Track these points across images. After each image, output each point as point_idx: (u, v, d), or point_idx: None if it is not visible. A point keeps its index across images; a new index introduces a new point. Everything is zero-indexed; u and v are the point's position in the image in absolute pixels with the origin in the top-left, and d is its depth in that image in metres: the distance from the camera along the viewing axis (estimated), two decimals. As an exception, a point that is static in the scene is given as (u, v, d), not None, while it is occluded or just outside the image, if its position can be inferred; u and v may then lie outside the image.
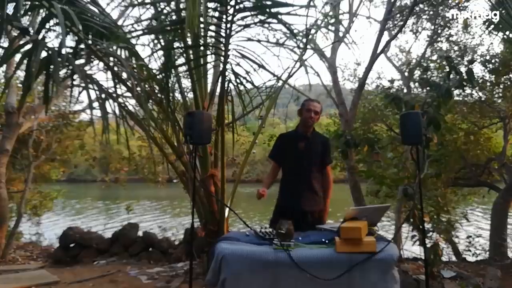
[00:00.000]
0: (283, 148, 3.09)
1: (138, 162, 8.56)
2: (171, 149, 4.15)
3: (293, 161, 3.00)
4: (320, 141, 3.10)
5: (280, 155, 3.11)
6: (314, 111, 2.99)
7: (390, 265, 2.15)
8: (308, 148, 3.01)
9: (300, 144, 3.01)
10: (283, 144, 3.12)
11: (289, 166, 3.05)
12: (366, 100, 8.58)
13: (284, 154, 3.08)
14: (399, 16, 7.43)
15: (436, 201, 4.46)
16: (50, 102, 5.71)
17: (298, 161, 3.00)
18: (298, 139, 3.04)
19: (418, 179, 2.77)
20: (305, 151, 3.00)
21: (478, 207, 13.02)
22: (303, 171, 3.00)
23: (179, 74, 4.29)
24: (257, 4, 3.22)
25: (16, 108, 6.09)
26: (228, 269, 2.11)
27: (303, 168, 3.00)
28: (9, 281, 4.19)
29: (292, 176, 3.02)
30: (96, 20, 3.37)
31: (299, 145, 3.01)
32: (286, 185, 3.06)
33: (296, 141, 3.03)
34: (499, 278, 3.89)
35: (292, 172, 3.02)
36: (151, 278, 4.28)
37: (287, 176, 3.07)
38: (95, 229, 7.20)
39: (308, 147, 3.01)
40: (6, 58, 3.45)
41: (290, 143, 3.06)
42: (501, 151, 7.47)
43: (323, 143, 3.11)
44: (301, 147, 3.00)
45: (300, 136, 3.05)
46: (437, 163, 5.35)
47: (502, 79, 6.85)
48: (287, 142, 3.11)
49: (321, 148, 3.07)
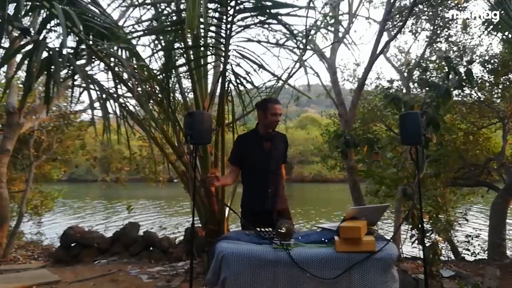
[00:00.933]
0: (246, 151, 2.98)
1: (139, 162, 8.58)
2: (172, 149, 4.17)
3: (259, 162, 2.93)
4: (282, 141, 3.07)
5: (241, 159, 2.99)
6: (279, 114, 2.93)
7: (390, 265, 2.15)
8: (273, 148, 2.97)
9: (265, 145, 2.95)
10: (245, 146, 3.01)
11: (254, 167, 2.96)
12: (366, 100, 8.60)
13: (247, 156, 2.97)
14: (399, 16, 7.44)
15: (435, 201, 4.48)
16: (51, 102, 5.73)
17: (264, 162, 2.93)
18: (262, 139, 2.96)
19: (417, 179, 2.77)
20: (271, 152, 2.95)
21: (477, 206, 13.04)
22: (270, 172, 2.94)
23: (179, 74, 4.31)
24: (257, 4, 3.23)
25: (17, 108, 6.11)
26: (228, 268, 2.12)
27: (270, 168, 2.94)
28: (10, 281, 4.20)
29: (258, 177, 2.94)
30: (97, 21, 3.39)
31: (265, 146, 2.95)
32: (252, 186, 2.98)
33: (260, 141, 2.96)
34: (498, 277, 3.90)
35: (258, 173, 2.94)
36: (152, 277, 4.30)
37: (252, 177, 2.98)
38: (96, 228, 7.22)
39: (274, 147, 2.97)
40: (7, 59, 3.46)
41: (253, 144, 2.97)
42: (500, 151, 7.49)
43: (284, 142, 3.09)
44: (266, 148, 2.95)
45: (264, 137, 2.97)
46: (436, 163, 5.37)
47: (501, 79, 6.87)
48: (250, 143, 3.00)
49: (283, 148, 3.06)
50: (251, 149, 2.96)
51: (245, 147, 2.99)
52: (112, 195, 19.52)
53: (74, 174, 28.47)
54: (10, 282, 4.13)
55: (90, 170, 25.02)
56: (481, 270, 4.47)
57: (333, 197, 20.65)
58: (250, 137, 3.06)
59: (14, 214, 7.60)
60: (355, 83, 9.02)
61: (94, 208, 17.74)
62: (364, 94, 8.46)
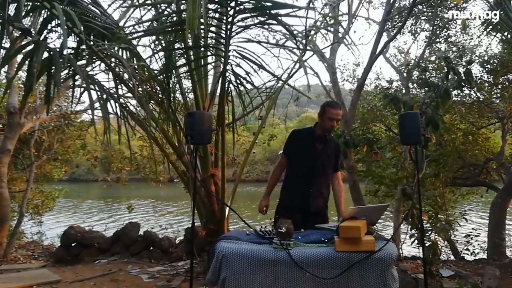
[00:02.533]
0: (298, 145, 3.01)
1: (140, 162, 8.60)
2: (172, 149, 4.18)
3: (308, 161, 2.95)
4: (334, 146, 3.07)
5: (293, 152, 3.02)
6: (337, 119, 2.96)
7: (389, 264, 2.16)
8: (325, 151, 2.98)
9: (318, 146, 2.97)
10: (298, 141, 3.04)
11: (301, 165, 2.98)
12: (365, 100, 8.62)
13: (297, 151, 3.00)
14: (398, 17, 7.46)
15: (434, 201, 4.50)
16: (51, 103, 5.75)
17: (313, 162, 2.94)
18: (315, 140, 2.99)
19: (417, 178, 2.78)
20: (322, 154, 2.97)
21: (476, 206, 13.05)
22: (316, 173, 2.96)
23: (180, 74, 4.32)
24: (257, 5, 3.24)
25: (18, 108, 6.12)
26: (228, 268, 2.13)
27: (317, 170, 2.96)
28: (10, 280, 4.20)
29: (302, 176, 2.96)
30: (98, 21, 3.40)
31: (317, 146, 2.97)
32: (294, 185, 3.00)
33: (313, 141, 2.98)
34: (497, 277, 3.90)
35: (304, 172, 2.96)
36: (152, 277, 4.31)
37: (296, 175, 3.00)
38: (96, 228, 7.24)
39: (325, 150, 2.98)
40: (8, 59, 3.47)
41: (306, 141, 3.00)
42: (499, 151, 7.51)
43: (336, 148, 3.09)
44: (319, 148, 2.97)
45: (318, 138, 2.99)
46: (436, 163, 5.39)
47: (500, 79, 6.89)
48: (302, 139, 3.03)
49: (334, 153, 3.06)
50: (302, 145, 2.99)
51: (297, 142, 3.03)
52: (112, 195, 19.54)
53: (75, 174, 28.53)
54: (10, 281, 4.13)
55: (91, 170, 25.07)
56: (481, 270, 4.48)
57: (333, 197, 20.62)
58: (304, 134, 3.09)
59: (14, 214, 7.62)
60: (354, 83, 9.03)
61: (95, 208, 17.76)
62: (364, 94, 8.48)
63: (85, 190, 26.17)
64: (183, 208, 15.53)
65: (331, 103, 3.07)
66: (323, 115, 2.94)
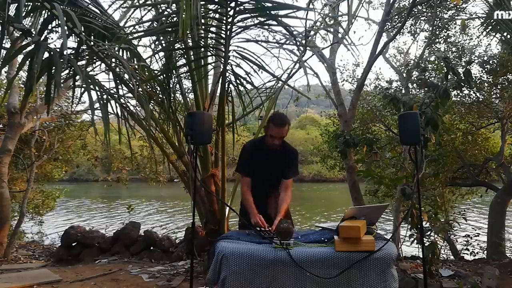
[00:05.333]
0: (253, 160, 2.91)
1: (140, 162, 8.61)
2: (172, 149, 4.19)
3: (262, 172, 2.88)
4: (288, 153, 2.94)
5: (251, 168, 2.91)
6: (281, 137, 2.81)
7: (389, 264, 2.17)
8: (276, 162, 2.89)
9: (270, 157, 2.87)
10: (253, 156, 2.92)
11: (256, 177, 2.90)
12: (365, 100, 8.63)
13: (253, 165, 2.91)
14: (398, 17, 7.47)
15: (434, 201, 4.51)
16: (52, 103, 5.76)
17: (266, 173, 2.89)
18: (267, 151, 2.87)
19: (416, 178, 2.78)
20: (272, 164, 2.88)
21: (476, 206, 13.06)
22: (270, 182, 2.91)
23: (180, 75, 4.33)
24: (257, 5, 3.25)
25: (18, 108, 6.13)
26: (228, 267, 2.14)
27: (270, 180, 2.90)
28: (11, 280, 4.21)
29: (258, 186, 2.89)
30: (98, 22, 3.42)
31: (269, 157, 2.87)
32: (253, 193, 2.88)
33: (265, 153, 2.88)
34: (497, 277, 3.91)
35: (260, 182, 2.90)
36: (152, 277, 4.31)
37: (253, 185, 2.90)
38: (97, 228, 7.25)
39: (276, 162, 2.89)
40: (8, 59, 3.49)
41: (259, 154, 2.90)
42: (498, 151, 7.52)
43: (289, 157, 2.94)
44: (271, 159, 2.87)
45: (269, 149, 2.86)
46: (435, 163, 5.41)
47: (499, 79, 6.90)
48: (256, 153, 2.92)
49: (288, 161, 2.93)
50: (257, 158, 2.89)
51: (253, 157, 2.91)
52: (113, 195, 19.55)
53: (75, 174, 28.54)
54: (11, 281, 4.14)
55: (91, 170, 25.11)
56: (480, 270, 4.48)
57: (333, 197, 20.69)
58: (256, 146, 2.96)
59: (15, 214, 7.63)
60: (354, 84, 9.04)
61: (95, 207, 17.77)
62: (363, 94, 8.50)
63: (85, 190, 26.18)
64: (183, 208, 15.54)
65: (274, 119, 2.77)
66: (267, 130, 2.79)
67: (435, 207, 4.46)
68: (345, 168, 6.51)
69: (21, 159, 7.48)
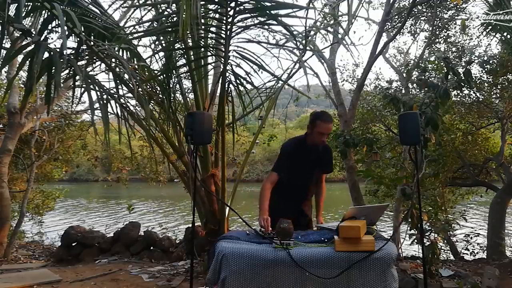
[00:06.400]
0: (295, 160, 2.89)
1: (140, 162, 8.61)
2: (172, 149, 4.19)
3: (301, 171, 2.89)
4: (325, 151, 3.00)
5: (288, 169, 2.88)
6: (327, 134, 2.88)
7: (389, 264, 2.16)
8: (318, 160, 2.95)
9: (311, 157, 2.90)
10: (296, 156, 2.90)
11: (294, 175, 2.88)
12: (365, 100, 8.64)
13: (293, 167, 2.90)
14: (398, 17, 7.47)
15: (434, 201, 4.51)
16: (52, 103, 5.76)
17: (306, 172, 2.92)
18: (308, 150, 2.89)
19: (416, 178, 2.78)
20: (315, 164, 2.94)
21: (476, 206, 13.06)
22: (308, 182, 2.96)
23: (180, 75, 4.33)
24: (257, 5, 3.24)
25: (18, 108, 6.14)
26: (228, 267, 2.13)
27: (309, 179, 2.95)
28: (11, 280, 4.21)
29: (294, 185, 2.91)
30: (98, 22, 3.41)
31: (311, 157, 2.90)
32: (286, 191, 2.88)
33: (306, 152, 2.89)
34: (497, 277, 3.91)
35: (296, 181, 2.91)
36: (152, 277, 4.32)
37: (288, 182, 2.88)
38: (97, 228, 7.25)
39: (318, 160, 2.95)
40: (8, 59, 3.48)
41: (302, 154, 2.91)
42: (498, 151, 7.52)
43: (327, 153, 3.02)
44: (312, 159, 2.91)
45: (311, 148, 2.89)
46: (435, 163, 5.41)
47: (500, 79, 6.90)
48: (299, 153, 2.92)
49: (326, 158, 3.03)
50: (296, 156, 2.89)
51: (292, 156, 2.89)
52: (113, 194, 19.55)
53: (75, 174, 28.57)
54: (11, 281, 4.14)
55: (91, 170, 25.11)
56: (480, 270, 4.48)
57: (333, 197, 20.68)
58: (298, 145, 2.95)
59: (15, 214, 7.63)
60: (354, 84, 9.05)
61: (95, 207, 17.77)
62: (364, 94, 8.50)
63: (85, 190, 26.19)
64: (183, 208, 15.54)
65: (322, 116, 2.82)
66: (314, 128, 2.80)
67: (435, 207, 4.46)
68: (345, 168, 6.50)
69: (21, 159, 7.48)
